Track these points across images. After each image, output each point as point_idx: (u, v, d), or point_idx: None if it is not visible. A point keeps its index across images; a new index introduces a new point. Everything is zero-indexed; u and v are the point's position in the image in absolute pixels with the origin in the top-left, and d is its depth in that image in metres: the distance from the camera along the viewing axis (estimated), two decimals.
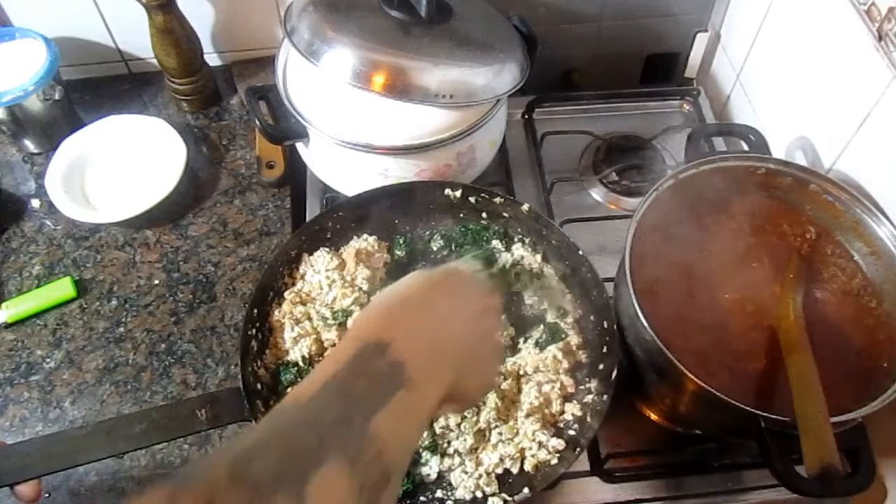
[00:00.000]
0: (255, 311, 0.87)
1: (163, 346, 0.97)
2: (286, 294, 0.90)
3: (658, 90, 1.25)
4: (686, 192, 0.85)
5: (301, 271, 0.93)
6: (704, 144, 0.93)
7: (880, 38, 0.82)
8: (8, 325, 0.98)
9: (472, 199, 0.96)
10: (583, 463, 0.86)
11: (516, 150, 1.17)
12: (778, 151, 1.02)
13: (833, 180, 0.84)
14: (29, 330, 0.98)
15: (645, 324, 0.73)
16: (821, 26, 0.94)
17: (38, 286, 1.01)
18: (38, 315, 0.99)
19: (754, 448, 0.69)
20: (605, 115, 1.22)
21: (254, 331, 0.86)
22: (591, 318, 0.89)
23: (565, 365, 0.86)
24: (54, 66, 1.07)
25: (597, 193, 1.12)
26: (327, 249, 0.94)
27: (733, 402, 0.69)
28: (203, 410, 0.75)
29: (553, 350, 0.86)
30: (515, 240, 0.97)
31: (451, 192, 0.96)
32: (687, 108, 1.24)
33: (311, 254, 0.94)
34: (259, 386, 0.83)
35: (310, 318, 0.89)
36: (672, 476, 0.88)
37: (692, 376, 0.70)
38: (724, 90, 1.24)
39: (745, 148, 0.95)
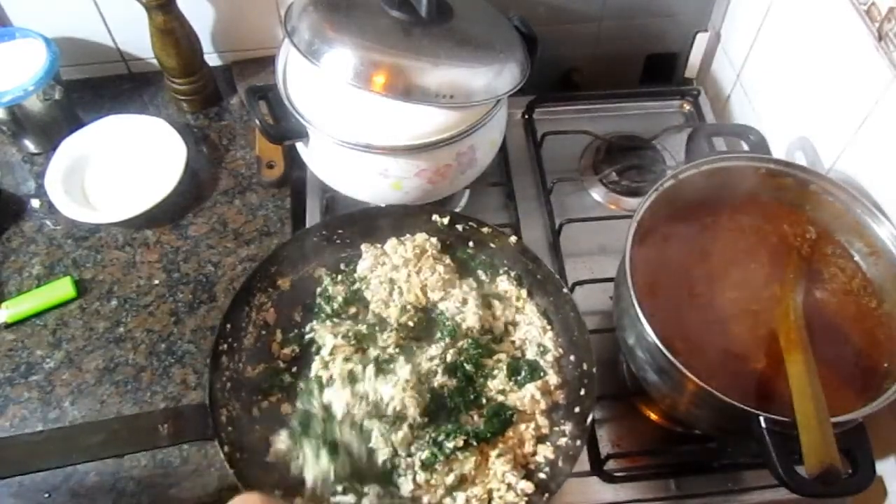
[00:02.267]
0: (229, 325, 0.86)
1: (163, 346, 0.97)
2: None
3: (658, 90, 1.25)
4: (686, 192, 0.85)
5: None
6: (704, 144, 0.93)
7: (880, 38, 0.82)
8: (8, 325, 0.98)
9: (459, 227, 0.96)
10: (583, 463, 0.86)
11: (516, 150, 1.17)
12: (778, 151, 1.02)
13: (833, 180, 0.84)
14: (29, 330, 0.98)
15: (645, 324, 0.73)
16: (821, 26, 0.94)
17: (38, 286, 1.01)
18: (38, 315, 0.99)
19: (754, 448, 0.69)
20: (605, 115, 1.22)
21: (225, 346, 0.85)
22: (572, 357, 0.88)
23: (542, 406, 0.84)
24: (54, 66, 1.07)
25: (597, 193, 1.12)
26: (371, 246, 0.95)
27: (733, 402, 0.69)
28: (165, 425, 0.74)
29: (531, 388, 0.84)
30: (500, 272, 0.95)
31: (438, 219, 0.96)
32: (687, 108, 1.24)
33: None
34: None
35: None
36: (672, 476, 0.88)
37: (692, 376, 0.70)
38: (724, 90, 1.24)
39: (745, 148, 0.95)
